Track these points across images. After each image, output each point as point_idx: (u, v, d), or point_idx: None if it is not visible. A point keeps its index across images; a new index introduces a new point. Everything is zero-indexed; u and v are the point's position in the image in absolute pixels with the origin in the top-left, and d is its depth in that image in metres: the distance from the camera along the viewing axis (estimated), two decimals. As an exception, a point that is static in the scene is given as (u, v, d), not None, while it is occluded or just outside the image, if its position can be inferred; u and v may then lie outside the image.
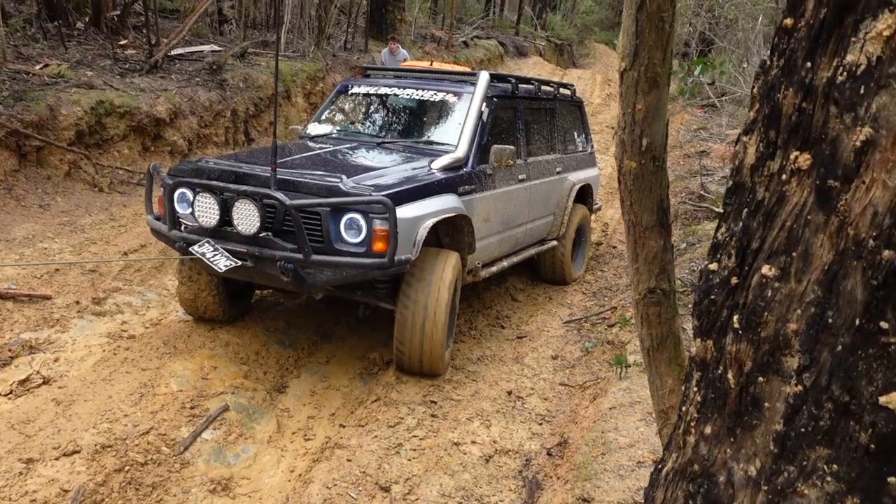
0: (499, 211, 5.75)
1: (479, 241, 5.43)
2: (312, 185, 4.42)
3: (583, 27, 33.03)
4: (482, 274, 5.68)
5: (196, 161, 5.03)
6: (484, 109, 5.61)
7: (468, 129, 5.41)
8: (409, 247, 4.48)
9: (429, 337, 4.71)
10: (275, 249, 4.41)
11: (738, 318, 1.13)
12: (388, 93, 6.23)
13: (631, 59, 1.52)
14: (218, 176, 4.64)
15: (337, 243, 4.38)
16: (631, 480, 3.56)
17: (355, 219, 4.33)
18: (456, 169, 5.21)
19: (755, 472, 1.11)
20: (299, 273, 4.42)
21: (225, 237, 4.55)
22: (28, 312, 5.29)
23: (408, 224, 4.43)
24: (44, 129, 7.60)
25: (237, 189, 4.42)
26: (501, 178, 5.73)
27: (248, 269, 4.52)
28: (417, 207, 4.60)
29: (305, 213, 4.36)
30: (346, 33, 15.77)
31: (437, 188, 4.90)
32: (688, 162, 10.90)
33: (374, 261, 4.29)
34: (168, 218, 4.77)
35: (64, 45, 9.51)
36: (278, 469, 4.12)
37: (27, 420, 4.10)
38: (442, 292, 4.70)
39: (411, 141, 5.84)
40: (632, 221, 1.66)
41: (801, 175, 1.02)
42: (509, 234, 6.09)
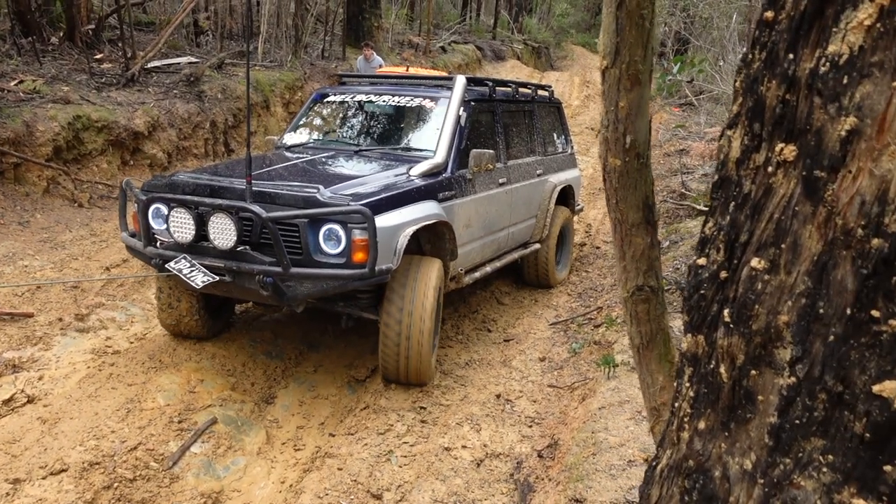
0: (480, 216, 5.70)
1: (461, 247, 5.38)
2: (289, 197, 4.34)
3: (559, 30, 33.22)
4: (466, 280, 5.63)
5: (170, 175, 4.92)
6: (461, 114, 5.55)
7: (446, 134, 5.37)
8: (390, 256, 4.41)
9: (415, 347, 4.64)
10: (253, 263, 4.33)
11: (728, 311, 1.13)
12: (364, 100, 6.17)
13: (612, 57, 1.52)
14: (193, 190, 4.55)
15: (316, 255, 4.31)
16: (622, 480, 3.56)
17: (334, 229, 4.26)
18: (435, 175, 5.15)
19: (751, 466, 1.11)
20: (279, 286, 4.34)
21: (202, 252, 4.46)
22: (10, 331, 5.23)
23: (387, 233, 4.36)
24: (21, 146, 7.52)
25: (212, 203, 4.33)
26: (482, 182, 5.68)
27: (226, 284, 4.43)
28: (397, 216, 4.53)
29: (283, 226, 4.29)
30: (323, 42, 15.76)
31: (416, 195, 4.83)
32: (668, 161, 10.97)
33: (355, 271, 4.22)
34: (143, 234, 4.68)
35: (39, 60, 9.43)
36: (269, 480, 4.09)
37: (12, 440, 4.05)
38: (426, 300, 4.63)
39: (389, 148, 5.75)
40: (618, 219, 1.66)
41: (787, 167, 1.03)
42: (492, 238, 6.04)
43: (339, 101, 6.28)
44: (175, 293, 5.06)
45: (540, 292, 7.26)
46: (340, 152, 5.72)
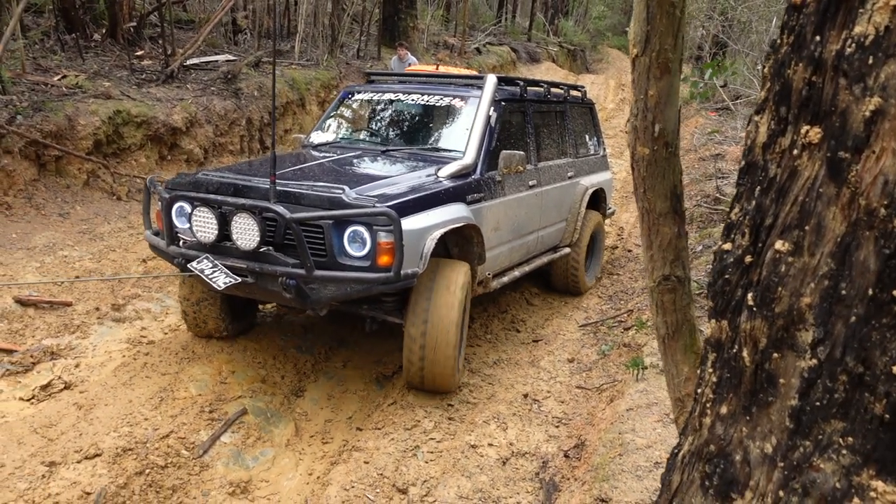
0: (509, 219, 5.56)
1: (490, 251, 5.25)
2: (314, 197, 4.22)
3: (595, 32, 33.06)
4: (493, 285, 5.47)
5: (194, 173, 4.83)
6: (492, 114, 5.42)
7: (476, 134, 5.24)
8: (416, 260, 4.28)
9: (438, 354, 4.49)
10: (276, 265, 4.22)
11: (752, 295, 1.13)
12: (392, 98, 6.05)
13: (642, 46, 1.53)
14: (216, 189, 4.47)
15: (340, 257, 4.19)
16: (648, 481, 3.54)
17: (359, 231, 4.14)
18: (464, 176, 5.02)
19: (771, 450, 1.11)
20: (302, 289, 4.24)
21: (224, 252, 4.38)
22: (49, 319, 5.35)
23: (414, 236, 4.24)
24: (62, 139, 7.69)
25: (235, 203, 4.25)
26: (511, 184, 5.54)
27: (248, 285, 4.35)
28: (424, 218, 4.41)
29: (307, 227, 4.19)
30: (358, 41, 15.88)
31: (444, 197, 4.71)
32: (703, 165, 10.86)
33: (380, 275, 4.08)
34: (166, 233, 4.61)
35: (81, 56, 9.64)
36: (296, 472, 4.14)
37: (49, 424, 4.14)
38: (451, 306, 4.48)
39: (417, 148, 5.61)
40: (645, 208, 1.66)
41: (812, 149, 1.03)
42: (520, 242, 5.90)
43: (367, 99, 6.18)
44: (197, 293, 5.01)
45: (570, 294, 7.22)
46: (367, 152, 5.61)
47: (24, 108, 7.50)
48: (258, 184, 4.39)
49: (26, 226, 6.96)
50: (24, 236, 6.76)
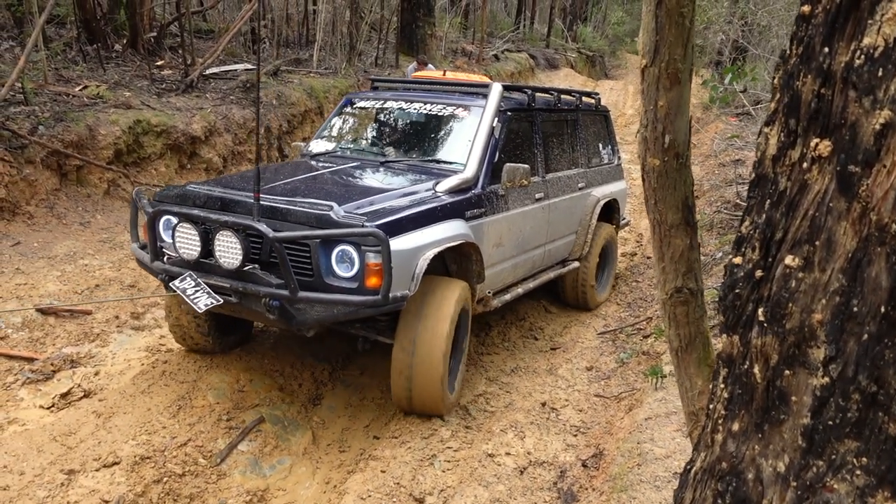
0: (513, 234, 5.35)
1: (491, 268, 5.08)
2: (301, 214, 4.05)
3: (614, 38, 32.97)
4: (494, 303, 5.26)
5: (182, 186, 4.68)
6: (496, 124, 5.20)
7: (478, 146, 5.02)
8: (407, 281, 4.08)
9: (426, 377, 4.29)
10: (260, 285, 4.05)
11: (763, 310, 1.11)
12: (393, 107, 5.79)
13: (651, 56, 1.51)
14: (204, 203, 4.30)
15: (328, 277, 4.00)
16: (667, 491, 3.51)
17: (347, 251, 3.95)
18: (464, 191, 4.80)
19: (784, 468, 1.08)
20: (287, 310, 4.07)
21: (208, 270, 4.19)
22: (69, 327, 5.41)
23: (405, 256, 4.04)
24: (83, 149, 7.79)
25: (218, 220, 4.08)
26: (516, 198, 5.32)
27: (232, 304, 4.17)
28: (417, 237, 4.20)
29: (295, 245, 4.03)
30: (377, 49, 15.94)
31: (441, 214, 4.49)
32: (723, 171, 10.77)
33: (367, 298, 3.89)
34: (150, 248, 4.42)
35: (103, 66, 9.76)
36: (313, 480, 4.14)
37: (69, 432, 4.18)
38: (440, 328, 4.27)
39: (418, 160, 5.36)
40: (657, 220, 1.64)
41: (822, 162, 1.01)
42: (525, 257, 5.69)
43: (368, 107, 5.96)
44: (182, 308, 4.82)
45: (580, 309, 7.05)
46: (365, 163, 5.39)
47: (46, 119, 7.60)
48: (245, 199, 4.20)
49: (48, 234, 7.05)
50: (46, 245, 6.84)
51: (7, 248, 6.58)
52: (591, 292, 6.80)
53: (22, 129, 7.29)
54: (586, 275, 6.68)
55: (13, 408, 4.43)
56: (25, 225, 7.07)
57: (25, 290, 5.85)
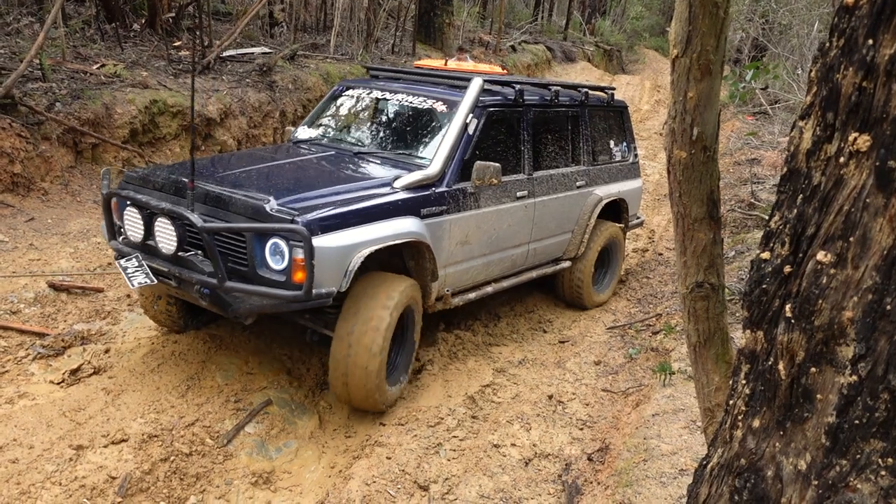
0: (484, 232, 5.25)
1: (455, 266, 5.05)
2: (240, 204, 4.10)
3: (632, 32, 32.77)
4: (455, 301, 5.18)
5: (145, 169, 4.73)
6: (471, 121, 5.08)
7: (447, 143, 4.92)
8: (338, 278, 4.06)
9: (361, 373, 4.23)
10: (193, 271, 4.16)
11: (790, 307, 1.09)
12: (378, 97, 5.75)
13: (683, 46, 1.49)
14: (160, 187, 4.41)
15: (261, 269, 4.06)
16: (673, 488, 3.50)
17: (279, 245, 3.99)
18: (424, 188, 4.72)
19: (805, 467, 1.07)
20: (221, 298, 4.18)
21: (152, 253, 4.34)
22: (81, 304, 5.43)
23: (336, 253, 4.03)
24: (99, 127, 7.80)
25: (156, 206, 4.19)
26: (490, 196, 5.22)
27: (177, 288, 4.31)
28: (354, 234, 4.17)
29: (233, 235, 4.10)
30: (394, 37, 15.90)
31: (391, 210, 4.45)
32: (738, 170, 10.70)
33: (290, 292, 3.93)
34: (106, 227, 4.60)
35: (120, 45, 9.77)
36: (319, 464, 4.15)
37: (78, 408, 4.20)
38: (377, 323, 4.23)
39: (392, 152, 5.30)
40: (680, 213, 1.62)
41: (860, 157, 0.99)
42: (501, 255, 5.59)
43: (357, 96, 5.91)
44: (152, 290, 4.88)
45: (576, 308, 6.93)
46: (340, 153, 5.35)
47: (63, 96, 7.62)
48: (199, 185, 4.29)
49: (62, 211, 7.07)
50: (60, 222, 6.87)
51: (21, 224, 6.61)
52: (587, 292, 6.67)
53: (39, 105, 7.31)
54: (582, 274, 6.55)
55: (24, 382, 4.45)
56: (40, 201, 7.10)
57: (38, 265, 5.88)
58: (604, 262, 6.97)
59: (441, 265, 4.90)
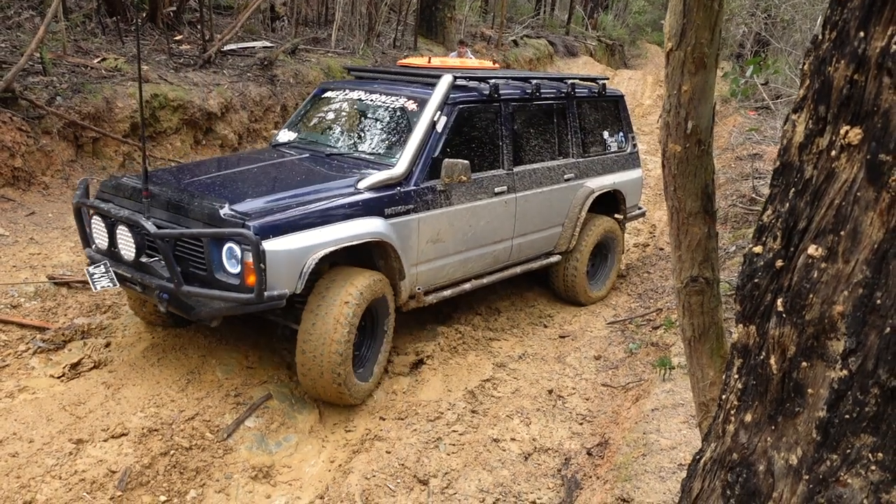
0: (458, 230, 5.22)
1: (427, 264, 5.06)
2: (197, 210, 4.20)
3: (635, 27, 32.70)
4: (428, 299, 5.17)
5: (121, 177, 4.86)
6: (439, 118, 5.08)
7: (413, 141, 4.92)
8: (293, 280, 4.12)
9: (325, 367, 4.28)
10: (154, 277, 4.30)
11: (782, 301, 1.09)
12: (354, 98, 5.74)
13: (677, 39, 1.48)
14: (129, 195, 4.53)
15: (218, 273, 4.15)
16: (672, 482, 3.50)
17: (233, 249, 4.09)
18: (388, 188, 4.73)
19: (796, 461, 1.07)
20: (183, 302, 4.27)
21: (118, 259, 4.50)
22: (81, 298, 5.44)
23: (289, 256, 4.09)
24: (100, 121, 7.80)
25: (116, 215, 4.36)
26: (463, 193, 5.19)
27: (137, 293, 4.50)
28: (308, 236, 4.22)
29: (193, 241, 4.20)
30: (395, 31, 15.87)
31: (351, 211, 4.48)
32: (739, 164, 10.68)
33: (243, 295, 4.02)
34: (80, 235, 4.80)
35: (121, 39, 9.76)
36: (319, 459, 4.15)
37: (78, 402, 4.21)
38: (338, 322, 4.26)
39: (364, 153, 5.28)
40: (675, 207, 1.62)
41: (852, 150, 0.99)
42: (480, 252, 5.55)
43: (335, 97, 5.91)
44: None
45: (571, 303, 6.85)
46: (314, 155, 5.39)
47: (63, 90, 7.62)
48: (163, 193, 4.40)
49: (62, 206, 7.07)
50: (60, 216, 6.87)
51: (22, 218, 6.61)
52: (581, 287, 6.61)
53: (39, 99, 7.31)
54: (576, 270, 6.49)
55: (24, 376, 4.46)
56: (41, 195, 7.11)
57: (39, 259, 5.88)
58: (600, 256, 6.92)
59: (409, 264, 4.90)
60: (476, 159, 5.33)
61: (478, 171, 5.34)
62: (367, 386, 4.66)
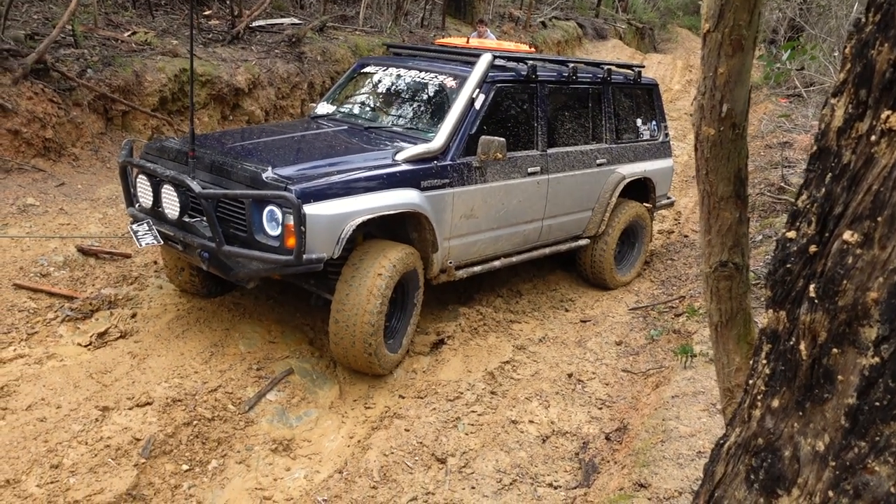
0: (491, 207, 5.30)
1: (459, 239, 5.13)
2: (241, 173, 4.32)
3: (666, 11, 32.22)
4: (459, 274, 5.25)
5: (163, 139, 4.99)
6: (478, 96, 5.16)
7: (452, 117, 5.00)
8: (330, 245, 4.22)
9: (357, 337, 4.38)
10: (195, 236, 4.41)
11: (814, 286, 1.08)
12: (393, 74, 5.87)
13: (715, 20, 1.46)
14: (174, 157, 4.66)
15: (258, 235, 4.26)
16: (690, 469, 3.50)
17: (274, 212, 4.18)
18: (425, 161, 4.81)
19: (823, 448, 1.06)
20: (222, 261, 4.38)
21: (161, 218, 4.63)
22: (109, 269, 5.51)
23: (329, 221, 4.19)
24: (129, 95, 7.86)
25: (161, 174, 4.46)
26: (498, 171, 5.28)
27: (183, 252, 4.58)
28: (346, 203, 4.30)
29: (234, 202, 4.30)
30: (423, 10, 15.78)
31: (388, 182, 4.56)
32: (769, 153, 10.54)
33: (282, 257, 4.13)
34: (124, 195, 4.94)
35: (151, 14, 9.80)
36: (338, 434, 4.20)
37: (104, 370, 4.29)
38: (372, 292, 4.37)
39: (401, 127, 5.40)
40: (706, 191, 1.60)
41: (892, 135, 0.97)
42: (511, 231, 5.62)
43: (374, 72, 6.02)
44: (172, 254, 5.11)
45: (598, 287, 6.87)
46: (352, 128, 5.50)
47: (94, 62, 7.68)
48: (206, 155, 4.52)
49: (91, 177, 7.16)
50: (89, 187, 6.95)
51: (52, 188, 6.70)
52: (609, 271, 6.65)
53: (71, 71, 7.37)
54: (604, 253, 6.53)
55: (53, 343, 4.54)
56: (70, 166, 7.19)
57: (68, 229, 5.97)
58: (628, 241, 6.94)
59: (443, 237, 4.99)
60: (511, 139, 5.38)
61: (512, 150, 5.41)
62: (395, 357, 4.77)
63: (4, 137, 6.71)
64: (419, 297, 4.94)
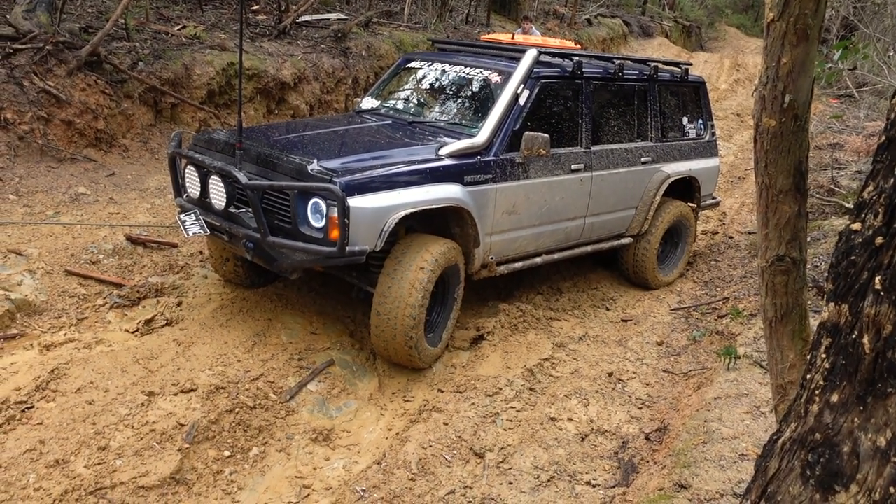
0: (534, 203, 5.26)
1: (501, 235, 5.12)
2: (287, 165, 4.34)
3: (714, 9, 31.71)
4: (500, 270, 5.25)
5: (213, 131, 5.06)
6: (522, 92, 5.12)
7: (496, 113, 4.99)
8: (373, 237, 4.23)
9: (398, 330, 4.41)
10: (241, 226, 4.46)
11: (880, 279, 1.05)
12: (438, 69, 5.83)
13: (780, 9, 1.43)
14: (221, 148, 4.71)
15: (303, 226, 4.28)
16: (732, 472, 3.45)
17: (318, 204, 4.21)
18: (469, 156, 4.80)
19: (884, 443, 1.04)
20: (266, 252, 4.40)
21: (208, 209, 4.70)
22: (156, 258, 5.62)
23: (373, 213, 4.20)
24: (179, 87, 8.00)
25: (209, 165, 4.53)
26: (540, 167, 5.22)
27: (228, 242, 4.63)
28: (390, 196, 4.32)
29: (280, 194, 4.34)
30: (468, 6, 15.77)
31: (431, 176, 4.56)
32: (818, 154, 10.32)
33: (325, 248, 4.16)
34: (173, 185, 5.01)
35: (201, 8, 9.97)
36: (377, 426, 4.22)
37: (151, 356, 4.37)
38: (413, 286, 4.39)
39: (445, 122, 5.37)
40: (765, 184, 1.57)
41: (967, 123, 0.94)
42: (553, 227, 5.57)
43: (418, 67, 6.01)
44: (217, 245, 5.20)
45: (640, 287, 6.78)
46: (396, 122, 5.49)
47: (145, 56, 7.83)
48: (252, 147, 4.54)
49: (140, 168, 7.30)
50: (138, 178, 7.09)
51: (103, 178, 6.85)
52: (651, 271, 6.58)
53: (123, 63, 7.53)
54: (646, 253, 6.46)
55: (101, 329, 4.64)
56: (120, 157, 7.35)
57: (117, 219, 6.09)
58: (671, 241, 6.86)
59: (485, 232, 4.97)
60: (555, 135, 5.34)
61: (556, 146, 5.36)
62: (435, 351, 4.79)
63: (58, 128, 6.88)
64: (460, 292, 4.94)
